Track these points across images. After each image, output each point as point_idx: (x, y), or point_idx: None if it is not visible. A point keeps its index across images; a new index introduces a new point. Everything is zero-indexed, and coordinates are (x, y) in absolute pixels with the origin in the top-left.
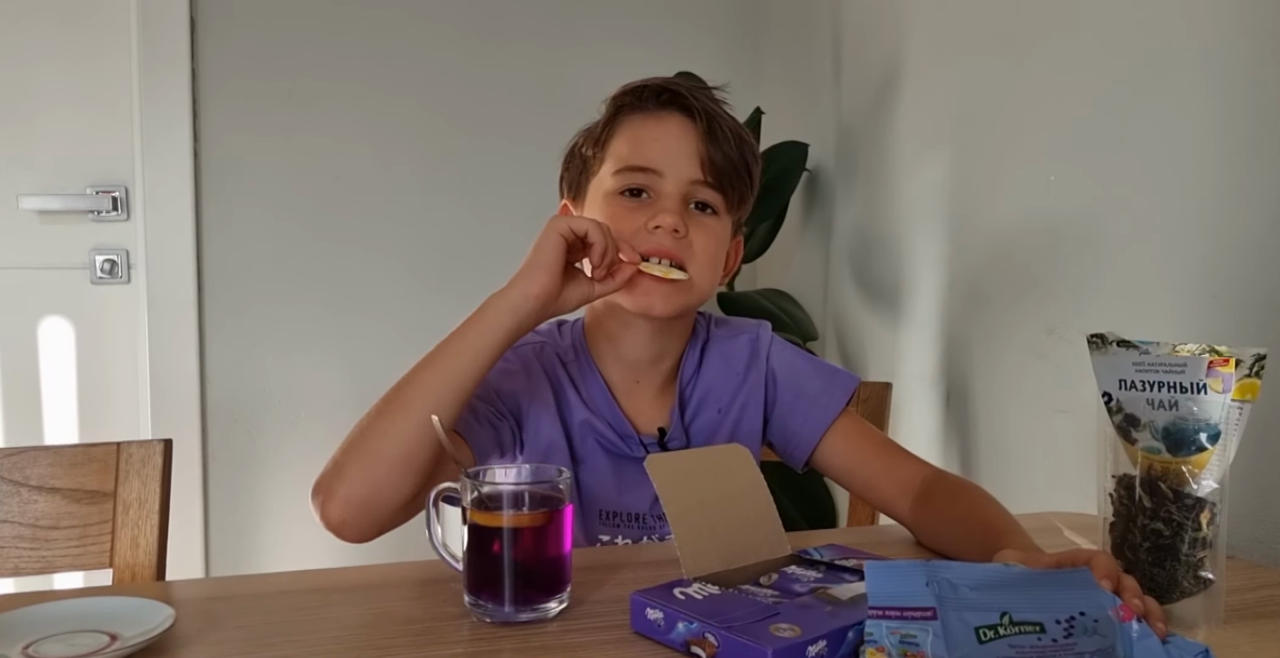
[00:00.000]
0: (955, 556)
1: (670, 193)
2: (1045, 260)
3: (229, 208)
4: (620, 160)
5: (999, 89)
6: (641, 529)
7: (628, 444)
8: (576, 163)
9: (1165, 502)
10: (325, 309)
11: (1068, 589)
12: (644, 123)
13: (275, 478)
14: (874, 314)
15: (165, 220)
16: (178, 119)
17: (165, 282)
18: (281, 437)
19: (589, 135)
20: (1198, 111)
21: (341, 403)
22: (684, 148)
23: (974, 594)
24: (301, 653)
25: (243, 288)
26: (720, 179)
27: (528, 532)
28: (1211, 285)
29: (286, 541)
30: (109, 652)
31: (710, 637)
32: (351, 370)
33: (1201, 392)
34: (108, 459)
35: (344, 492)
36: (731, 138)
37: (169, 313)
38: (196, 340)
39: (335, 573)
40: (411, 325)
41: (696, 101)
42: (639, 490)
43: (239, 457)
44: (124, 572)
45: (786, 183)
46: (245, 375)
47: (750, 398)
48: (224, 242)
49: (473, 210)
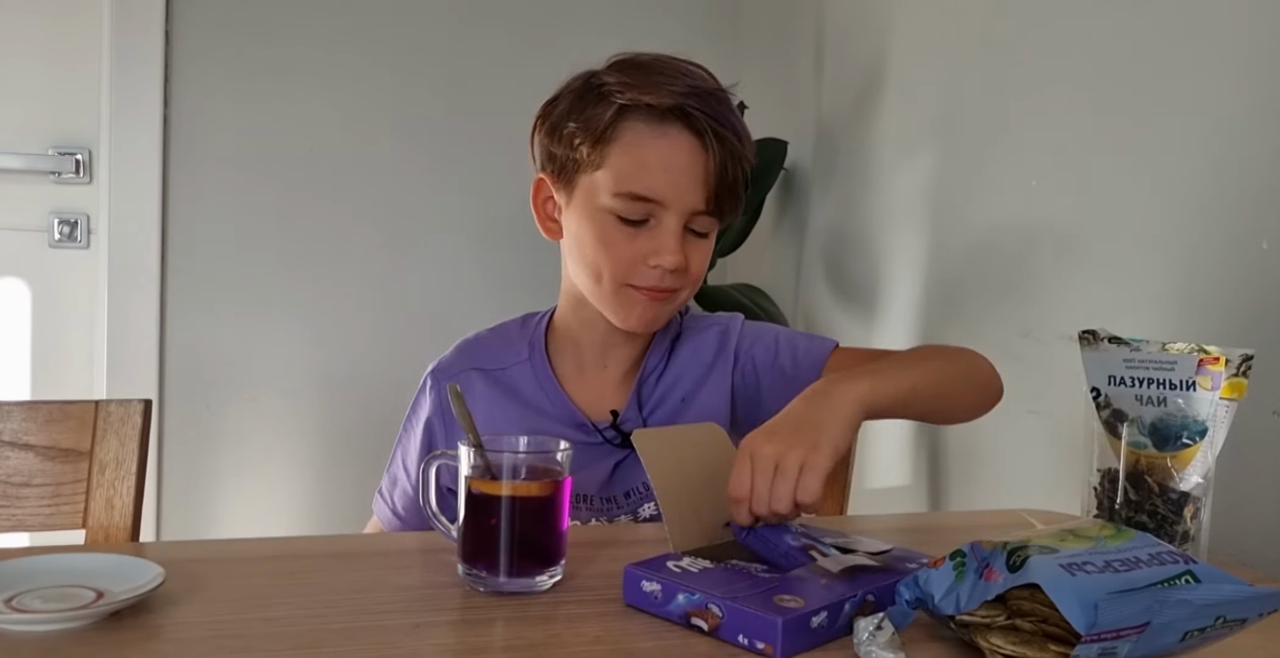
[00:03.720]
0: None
1: (671, 227)
2: (1023, 263)
3: (198, 176)
4: (622, 181)
5: (982, 90)
6: (590, 511)
7: (583, 432)
8: (564, 145)
9: (1150, 496)
10: (293, 286)
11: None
12: (650, 137)
13: (231, 455)
14: (846, 313)
15: (130, 186)
16: (149, 81)
17: (127, 249)
18: (240, 414)
19: (586, 127)
20: (1182, 116)
21: (303, 384)
22: (691, 177)
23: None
24: (295, 614)
25: (208, 260)
26: (721, 206)
27: (529, 502)
28: (1191, 291)
29: (240, 519)
30: (97, 607)
31: (714, 608)
32: (316, 351)
33: (1191, 389)
34: (85, 417)
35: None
36: (737, 161)
37: (129, 282)
38: (157, 311)
39: (322, 541)
40: (381, 308)
41: (707, 122)
42: (589, 475)
43: (196, 432)
44: (97, 533)
45: (764, 180)
46: (206, 350)
47: (715, 388)
48: (190, 211)
49: (449, 187)
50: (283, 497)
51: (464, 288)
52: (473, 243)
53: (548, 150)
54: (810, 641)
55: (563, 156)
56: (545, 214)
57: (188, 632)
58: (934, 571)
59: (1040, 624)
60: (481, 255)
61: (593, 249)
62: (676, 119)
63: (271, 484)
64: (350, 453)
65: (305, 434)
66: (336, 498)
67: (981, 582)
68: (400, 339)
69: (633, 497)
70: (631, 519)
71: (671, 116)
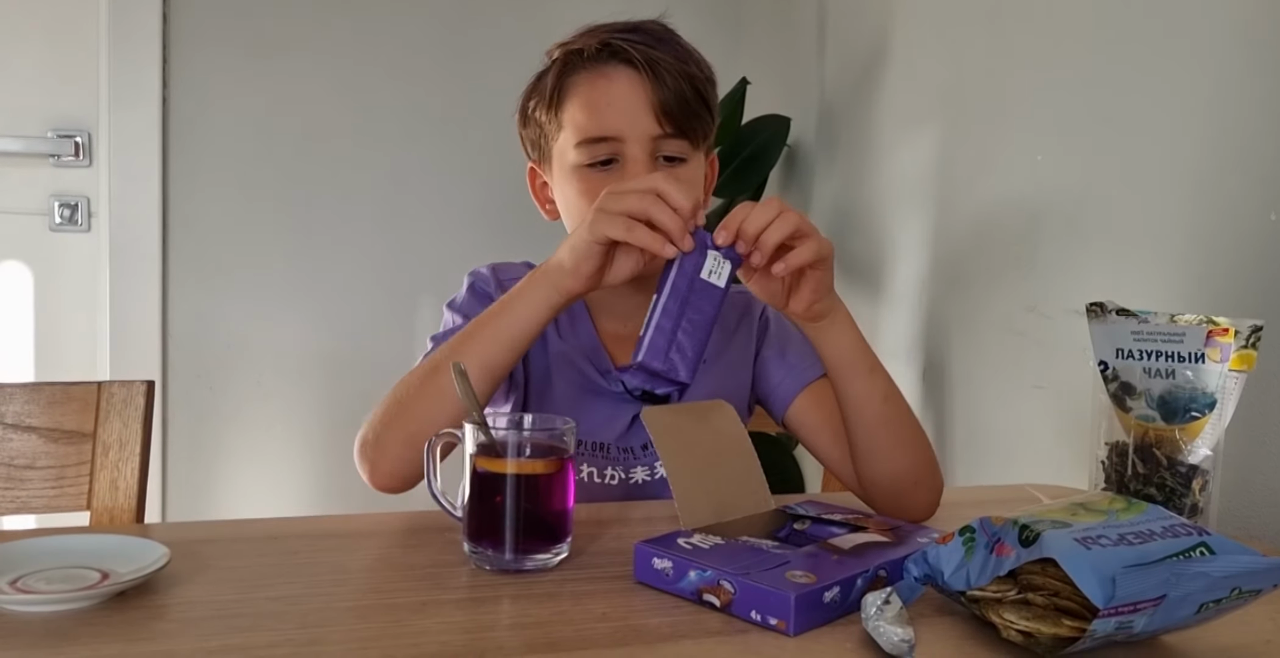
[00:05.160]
0: (890, 513)
1: (636, 156)
2: (1029, 238)
3: (198, 157)
4: (579, 131)
5: (987, 64)
6: (606, 460)
7: (606, 380)
8: (534, 126)
9: (1159, 468)
10: (294, 266)
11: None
12: (592, 83)
13: (235, 437)
14: (849, 290)
15: (130, 168)
16: (147, 63)
17: (128, 231)
18: (244, 396)
19: (540, 98)
20: (1187, 91)
21: (306, 364)
22: (637, 105)
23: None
24: (301, 593)
25: (209, 241)
26: (681, 126)
27: (536, 479)
28: (1198, 264)
29: (244, 500)
30: (102, 588)
31: (726, 584)
32: (319, 331)
33: (1199, 361)
34: (88, 399)
35: (388, 467)
36: (681, 78)
37: (131, 264)
38: (159, 293)
39: (325, 520)
40: (383, 287)
41: (638, 50)
42: (608, 424)
43: (199, 414)
44: (102, 515)
45: (767, 157)
46: (209, 331)
47: (739, 354)
48: (191, 192)
49: (451, 165)
50: (286, 477)
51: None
52: (474, 222)
53: (526, 137)
54: (823, 616)
55: (535, 136)
56: (543, 198)
57: (193, 612)
58: (943, 547)
59: (1052, 598)
60: (483, 235)
61: (577, 206)
62: (609, 58)
63: (275, 464)
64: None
65: (308, 414)
66: (340, 478)
67: (993, 557)
68: (402, 318)
69: (650, 450)
70: (648, 475)
71: (604, 56)
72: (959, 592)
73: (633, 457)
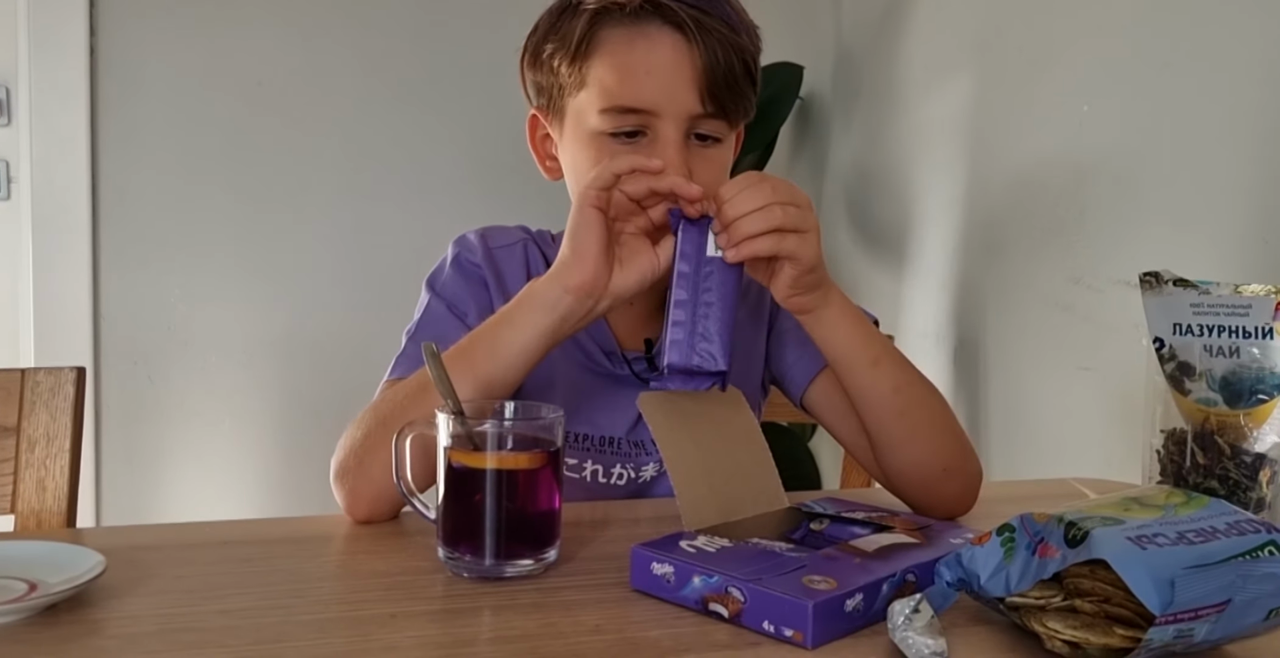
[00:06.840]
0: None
1: (669, 136)
2: (1074, 201)
3: (131, 115)
4: (607, 95)
5: (1026, 5)
6: (615, 456)
7: (611, 361)
8: (546, 72)
9: (1221, 458)
10: (244, 238)
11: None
12: (629, 42)
13: (179, 430)
14: (872, 261)
15: (54, 128)
16: (72, 7)
17: (53, 199)
18: (188, 382)
19: (562, 45)
20: (1253, 32)
21: (258, 349)
22: (679, 77)
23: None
24: (256, 606)
25: (146, 210)
26: (724, 105)
27: (518, 475)
28: (1263, 229)
29: (189, 502)
30: (30, 600)
31: (735, 591)
32: (271, 311)
33: (1268, 336)
34: (10, 388)
35: (370, 494)
36: (732, 50)
37: (57, 236)
38: (90, 269)
39: (281, 523)
40: (346, 261)
41: (687, 13)
42: (616, 414)
43: (137, 405)
44: (28, 519)
45: (777, 111)
46: (146, 313)
47: (747, 331)
48: (124, 155)
49: (418, 123)
50: (237, 476)
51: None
52: (451, 186)
53: (533, 81)
54: (844, 626)
55: (547, 84)
56: (544, 153)
57: (134, 626)
58: (979, 548)
59: (1103, 605)
60: (461, 200)
61: (587, 174)
62: (653, 15)
63: (224, 462)
64: (312, 426)
65: (261, 405)
66: (297, 477)
67: (1035, 559)
68: (368, 296)
69: None
70: (658, 470)
71: (647, 13)
72: (997, 598)
73: (644, 452)
